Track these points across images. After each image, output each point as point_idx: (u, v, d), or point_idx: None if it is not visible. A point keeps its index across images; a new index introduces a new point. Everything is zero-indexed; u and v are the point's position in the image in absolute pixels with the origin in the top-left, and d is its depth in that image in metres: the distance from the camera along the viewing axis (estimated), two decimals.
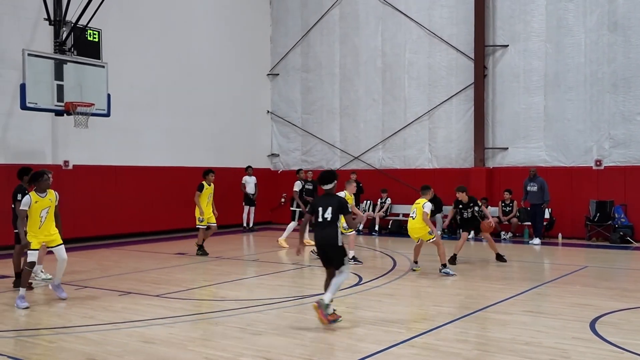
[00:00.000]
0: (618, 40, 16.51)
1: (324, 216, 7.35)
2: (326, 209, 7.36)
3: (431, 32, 19.32)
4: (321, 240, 7.44)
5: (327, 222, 7.36)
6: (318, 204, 7.49)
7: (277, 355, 6.24)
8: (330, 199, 7.47)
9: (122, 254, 14.46)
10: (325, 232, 7.36)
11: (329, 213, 7.33)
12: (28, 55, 12.01)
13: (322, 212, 7.37)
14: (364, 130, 20.82)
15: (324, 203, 7.45)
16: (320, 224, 7.41)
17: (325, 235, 7.37)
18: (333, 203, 7.40)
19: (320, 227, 7.41)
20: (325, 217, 7.34)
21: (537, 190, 16.03)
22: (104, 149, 16.98)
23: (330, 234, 7.34)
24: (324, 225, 7.38)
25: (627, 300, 8.83)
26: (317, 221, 7.41)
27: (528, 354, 6.20)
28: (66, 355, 6.34)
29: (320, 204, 7.47)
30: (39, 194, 8.75)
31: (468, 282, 10.58)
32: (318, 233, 7.46)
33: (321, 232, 7.42)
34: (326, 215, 7.34)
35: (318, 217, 7.37)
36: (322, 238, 7.41)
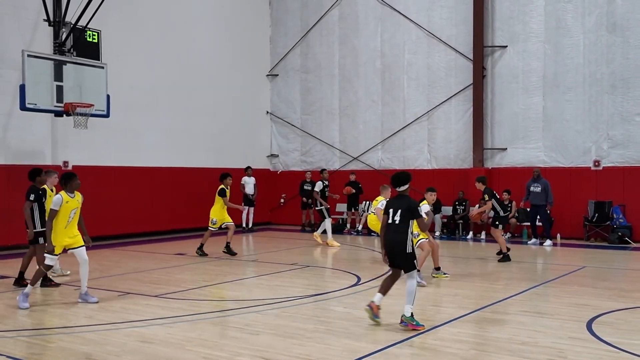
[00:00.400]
0: (617, 41, 16.55)
1: (393, 219, 7.25)
2: (396, 212, 7.25)
3: (430, 33, 19.36)
4: (389, 246, 7.31)
5: (395, 225, 7.24)
6: (390, 205, 7.38)
7: (274, 355, 6.27)
8: (400, 202, 7.33)
9: (121, 254, 14.49)
10: (393, 237, 7.23)
11: (398, 216, 7.22)
12: (28, 56, 12.07)
13: (393, 214, 7.26)
14: (363, 131, 20.86)
15: (395, 205, 7.34)
16: (389, 227, 7.29)
17: (393, 240, 7.24)
18: (403, 206, 7.26)
19: (390, 230, 7.27)
20: (394, 220, 7.23)
21: (540, 191, 15.99)
22: (104, 149, 17.01)
23: (399, 240, 7.19)
24: (393, 229, 7.25)
25: (625, 300, 8.87)
26: (387, 223, 7.30)
27: (525, 353, 6.23)
28: (65, 355, 6.38)
29: (392, 205, 7.37)
30: (69, 194, 8.81)
31: (466, 282, 10.61)
32: (387, 236, 7.31)
33: (390, 236, 7.28)
34: (395, 217, 7.22)
35: (388, 219, 7.29)
36: (390, 243, 7.28)
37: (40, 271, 8.90)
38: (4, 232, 14.58)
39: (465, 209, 18.09)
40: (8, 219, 14.48)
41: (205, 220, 20.71)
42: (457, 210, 18.35)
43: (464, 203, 18.14)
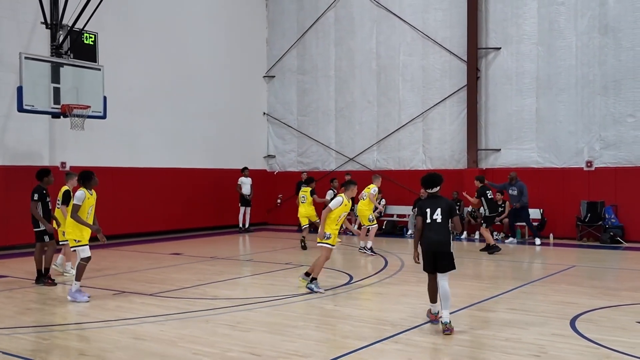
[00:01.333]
0: (609, 43, 16.72)
1: (433, 217, 7.15)
2: (435, 211, 7.17)
3: (425, 35, 19.54)
4: (435, 245, 7.14)
5: (437, 224, 7.14)
6: (426, 205, 7.25)
7: (263, 350, 6.44)
8: (438, 201, 7.27)
9: (118, 254, 14.66)
10: (439, 237, 7.13)
11: (438, 214, 7.14)
12: (25, 58, 12.24)
13: (431, 213, 7.16)
14: (359, 132, 21.03)
15: (432, 205, 7.22)
16: (430, 226, 7.16)
17: (440, 240, 7.12)
18: (441, 204, 7.22)
19: (433, 229, 7.15)
20: (434, 219, 7.14)
21: (516, 194, 16.40)
22: (101, 150, 17.17)
23: (445, 240, 7.15)
24: (436, 228, 7.14)
25: (610, 298, 9.03)
26: (425, 223, 7.19)
27: (507, 349, 6.40)
28: (59, 352, 6.55)
29: (427, 205, 7.24)
30: (88, 191, 9.20)
31: (456, 281, 10.71)
32: (432, 236, 7.14)
33: (435, 236, 7.14)
34: (435, 216, 7.15)
35: (426, 218, 7.17)
36: (437, 242, 7.13)
37: (82, 265, 9.15)
38: (2, 233, 14.74)
39: (459, 209, 18.26)
40: (6, 219, 14.64)
41: (203, 220, 20.93)
42: None
43: (459, 203, 18.30)
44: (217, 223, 20.58)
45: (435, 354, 6.28)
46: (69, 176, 11.29)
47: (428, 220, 7.16)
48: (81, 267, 9.19)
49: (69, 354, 6.45)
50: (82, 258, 9.18)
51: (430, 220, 7.14)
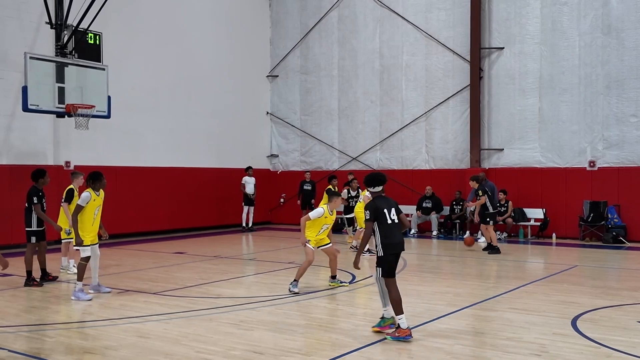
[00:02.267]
0: (612, 43, 16.73)
1: (392, 218, 6.87)
2: (390, 211, 6.89)
3: (428, 35, 19.57)
4: (400, 247, 6.95)
5: (396, 224, 6.89)
6: (382, 206, 6.88)
7: (266, 349, 6.50)
8: (389, 201, 6.99)
9: (121, 253, 14.73)
10: (401, 237, 6.97)
11: (394, 214, 6.90)
12: (30, 58, 12.27)
13: (388, 213, 6.85)
14: (362, 132, 21.07)
15: (388, 205, 6.92)
16: (392, 227, 6.86)
17: (402, 241, 6.98)
18: (393, 204, 6.98)
19: (395, 231, 6.89)
20: (393, 219, 6.87)
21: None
22: (105, 150, 17.26)
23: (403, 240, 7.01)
24: (397, 228, 6.90)
25: (611, 298, 9.07)
26: (387, 224, 6.83)
27: (508, 348, 6.44)
28: (64, 349, 6.61)
29: (384, 205, 6.89)
30: (95, 192, 9.35)
31: (459, 280, 10.82)
32: (396, 237, 6.89)
33: (399, 237, 6.94)
34: (393, 217, 6.88)
35: (387, 219, 6.83)
36: (402, 243, 6.98)
37: (82, 265, 9.28)
38: (7, 232, 14.83)
39: (462, 208, 18.30)
40: (11, 218, 14.72)
41: (207, 219, 21.03)
42: (454, 210, 18.55)
43: (461, 203, 18.34)
44: (220, 222, 20.66)
45: (436, 353, 6.33)
46: (74, 175, 11.53)
47: (389, 222, 6.83)
48: (81, 267, 9.29)
49: (74, 352, 6.52)
50: (82, 258, 9.29)
51: (391, 221, 6.85)
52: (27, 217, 10.51)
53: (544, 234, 17.29)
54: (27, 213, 10.51)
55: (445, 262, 13.67)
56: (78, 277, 9.26)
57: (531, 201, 17.69)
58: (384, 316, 7.09)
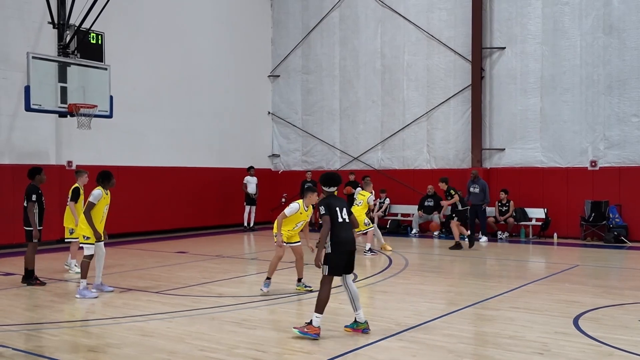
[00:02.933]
0: (613, 43, 16.74)
1: (343, 217, 6.94)
2: (342, 210, 6.97)
3: (429, 35, 19.59)
4: (350, 245, 6.96)
5: (347, 223, 6.95)
6: (335, 204, 6.95)
7: (269, 347, 6.52)
8: (340, 200, 7.13)
9: (124, 252, 14.76)
10: (351, 236, 7.01)
11: (345, 213, 6.97)
12: (32, 58, 12.31)
13: (340, 212, 6.93)
14: (363, 131, 21.09)
15: (339, 204, 7.01)
16: (342, 226, 6.90)
17: (353, 239, 7.02)
18: (344, 204, 7.09)
19: (345, 229, 6.93)
20: (344, 218, 6.94)
21: (479, 192, 16.88)
22: (107, 149, 17.29)
23: (354, 239, 7.10)
24: (347, 227, 6.96)
25: (613, 297, 9.08)
26: (337, 222, 6.87)
27: (510, 347, 6.46)
28: (67, 348, 6.64)
29: (336, 204, 6.97)
30: (105, 191, 9.49)
31: (460, 279, 10.84)
32: (346, 236, 6.92)
33: (350, 235, 6.99)
34: (344, 215, 6.94)
35: (338, 218, 6.90)
36: (353, 242, 7.02)
37: (85, 263, 9.36)
38: (10, 231, 14.85)
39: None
40: (14, 218, 14.74)
41: (208, 219, 21.05)
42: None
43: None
44: (222, 222, 20.69)
45: (439, 351, 6.34)
46: (79, 174, 11.61)
47: (340, 220, 6.88)
48: (85, 265, 9.36)
49: (78, 350, 6.54)
50: (85, 255, 9.36)
51: (342, 220, 6.90)
52: (26, 216, 10.44)
53: (545, 234, 17.30)
54: (26, 212, 10.44)
55: (447, 262, 13.68)
56: (82, 275, 9.32)
57: (532, 201, 17.70)
58: (356, 319, 7.08)
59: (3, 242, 14.87)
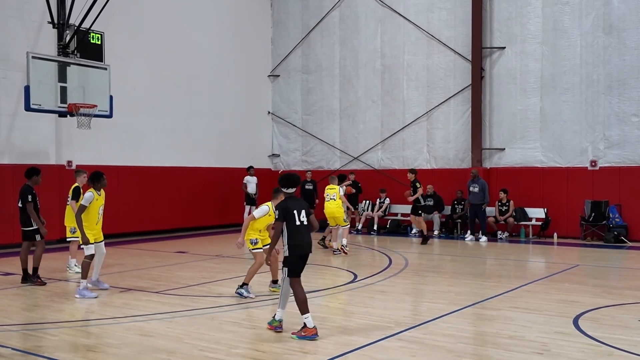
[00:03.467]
0: (613, 43, 16.74)
1: (301, 220, 6.95)
2: (300, 212, 6.97)
3: (429, 35, 19.58)
4: (307, 248, 7.00)
5: (305, 226, 6.98)
6: (292, 207, 6.95)
7: (269, 347, 6.52)
8: (300, 202, 7.13)
9: (123, 252, 14.76)
10: (309, 239, 7.03)
11: (304, 216, 6.98)
12: (32, 57, 12.30)
13: (298, 214, 6.94)
14: (363, 131, 21.09)
15: (298, 206, 7.00)
16: (299, 229, 6.94)
17: (310, 242, 7.04)
18: (303, 205, 7.09)
19: (303, 232, 6.96)
20: (302, 221, 6.96)
21: (478, 191, 16.93)
22: (107, 149, 17.28)
23: (311, 241, 7.11)
24: (304, 230, 6.98)
25: (613, 297, 9.08)
26: (295, 225, 6.91)
27: (509, 346, 6.46)
28: (67, 347, 6.64)
29: (294, 207, 6.97)
30: (97, 192, 9.50)
31: (460, 280, 10.83)
32: (304, 238, 6.95)
33: (307, 237, 7.01)
34: (302, 218, 6.96)
35: (296, 220, 6.91)
36: (309, 244, 7.03)
37: (86, 263, 9.39)
38: (10, 231, 14.85)
39: (463, 208, 18.31)
40: (13, 217, 14.73)
41: (208, 218, 21.04)
42: (455, 209, 18.55)
43: (463, 202, 18.35)
44: (222, 222, 20.68)
45: (439, 351, 6.34)
46: (78, 173, 11.66)
47: (297, 223, 6.88)
48: (85, 265, 9.38)
49: (77, 350, 6.54)
50: (86, 256, 9.39)
51: (300, 223, 6.90)
52: (24, 216, 10.40)
53: (545, 234, 17.30)
54: (24, 212, 10.40)
55: (447, 262, 13.68)
56: (83, 275, 9.35)
57: (532, 201, 17.70)
58: (274, 316, 7.15)
59: (3, 241, 14.87)
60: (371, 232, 19.24)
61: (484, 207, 17.00)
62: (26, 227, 10.46)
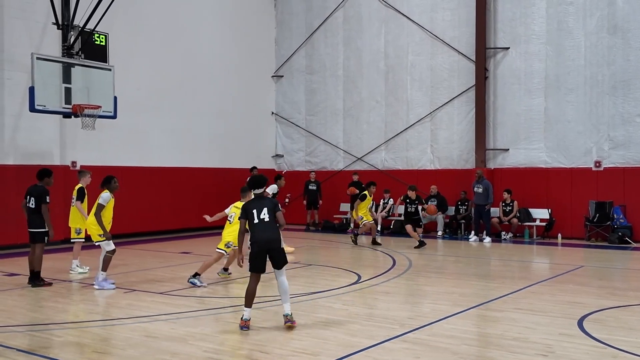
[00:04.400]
0: (617, 43, 16.70)
1: (260, 217, 7.28)
2: (261, 210, 7.31)
3: (433, 35, 19.56)
4: (267, 243, 7.27)
5: (265, 223, 7.29)
6: (250, 207, 7.37)
7: (273, 349, 6.52)
8: (263, 201, 7.46)
9: (127, 253, 14.77)
10: (270, 235, 7.28)
11: (265, 214, 7.29)
12: (37, 58, 12.34)
13: (257, 213, 7.31)
14: (367, 132, 21.08)
15: (257, 205, 7.37)
16: (258, 226, 7.29)
17: (271, 238, 7.28)
18: (267, 204, 7.40)
19: (261, 228, 7.28)
20: (262, 218, 7.28)
21: (482, 191, 16.90)
22: (111, 149, 17.32)
23: (276, 237, 7.34)
24: (265, 226, 7.28)
25: (617, 298, 9.06)
26: (253, 224, 7.31)
27: (514, 348, 6.45)
28: (72, 349, 6.65)
29: (252, 207, 7.37)
30: (112, 194, 10.20)
31: (464, 281, 10.82)
32: (263, 234, 7.26)
33: (266, 234, 7.27)
34: (262, 216, 7.29)
35: (254, 219, 7.29)
36: (268, 241, 7.27)
37: (108, 257, 10.09)
38: (14, 232, 14.88)
39: (467, 209, 18.29)
40: (17, 218, 14.77)
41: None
42: (459, 210, 18.54)
43: (467, 203, 18.33)
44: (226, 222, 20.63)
45: (443, 353, 6.34)
46: (82, 174, 11.83)
47: (256, 221, 7.28)
48: (107, 259, 10.05)
49: (82, 351, 6.56)
50: (108, 251, 10.06)
51: (258, 220, 7.28)
52: (38, 217, 10.35)
53: (549, 234, 17.27)
54: (36, 213, 10.38)
55: (451, 262, 13.67)
56: (103, 268, 9.98)
57: (537, 201, 17.68)
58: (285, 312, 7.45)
59: (7, 242, 14.91)
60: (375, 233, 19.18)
61: (488, 208, 16.98)
62: (37, 229, 10.35)
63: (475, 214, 17.28)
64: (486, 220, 17.06)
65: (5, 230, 14.91)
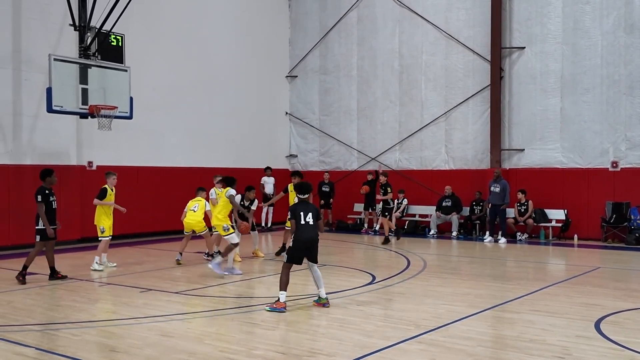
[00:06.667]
0: (634, 42, 16.54)
1: (306, 220, 8.45)
2: (307, 214, 8.48)
3: (448, 35, 19.50)
4: (310, 242, 8.45)
5: (309, 225, 8.45)
6: (299, 209, 8.52)
7: (288, 349, 6.54)
8: (309, 206, 8.62)
9: (143, 252, 14.87)
10: (312, 235, 8.48)
11: (310, 218, 8.47)
12: (54, 60, 12.46)
13: (304, 216, 8.47)
14: (381, 132, 21.05)
15: (304, 209, 8.53)
16: (304, 227, 8.43)
17: (313, 238, 8.48)
18: (312, 210, 8.56)
19: (306, 229, 8.44)
20: (307, 221, 8.46)
21: (499, 191, 16.80)
22: (127, 150, 17.45)
23: (317, 237, 8.57)
24: (309, 228, 8.45)
25: (635, 300, 8.97)
26: (300, 224, 8.44)
27: (531, 350, 6.42)
28: (90, 347, 6.71)
29: (300, 209, 8.53)
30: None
31: (479, 282, 10.78)
32: (307, 234, 8.44)
33: (309, 234, 8.45)
34: (308, 219, 8.46)
35: (300, 220, 8.43)
36: (311, 240, 8.47)
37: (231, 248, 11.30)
38: (32, 231, 15.01)
39: (482, 209, 18.20)
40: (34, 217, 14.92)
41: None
42: (474, 210, 18.45)
43: (481, 203, 18.24)
44: None
45: (459, 354, 6.32)
46: (108, 175, 12.36)
47: (302, 222, 8.43)
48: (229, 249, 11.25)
49: (100, 350, 6.62)
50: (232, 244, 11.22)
51: (304, 222, 8.44)
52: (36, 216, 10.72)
53: (565, 235, 17.15)
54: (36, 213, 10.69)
55: (466, 263, 13.62)
56: (224, 254, 11.23)
57: (552, 202, 17.55)
58: (319, 296, 8.56)
59: (25, 242, 15.03)
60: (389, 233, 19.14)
61: (503, 208, 16.87)
62: (36, 227, 10.70)
63: (490, 214, 17.19)
64: (502, 221, 16.95)
65: (23, 229, 15.04)
